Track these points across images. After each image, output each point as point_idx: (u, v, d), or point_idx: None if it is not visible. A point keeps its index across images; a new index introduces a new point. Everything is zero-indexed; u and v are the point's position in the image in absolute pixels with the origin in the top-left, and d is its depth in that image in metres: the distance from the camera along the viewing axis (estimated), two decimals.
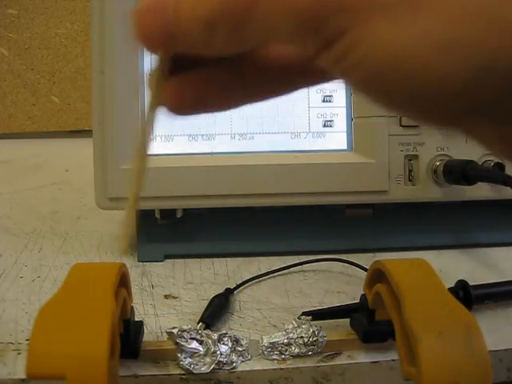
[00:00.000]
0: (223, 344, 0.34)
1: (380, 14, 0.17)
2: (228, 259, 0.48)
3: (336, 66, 0.19)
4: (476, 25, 0.16)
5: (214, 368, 0.33)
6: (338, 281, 0.44)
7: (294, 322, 0.35)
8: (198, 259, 0.48)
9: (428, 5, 0.17)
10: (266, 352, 0.34)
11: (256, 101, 0.23)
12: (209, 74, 0.22)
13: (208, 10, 0.19)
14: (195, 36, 0.20)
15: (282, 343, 0.34)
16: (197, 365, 0.32)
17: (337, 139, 0.46)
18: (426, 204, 0.48)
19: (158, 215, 0.46)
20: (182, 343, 0.33)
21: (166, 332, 0.33)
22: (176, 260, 0.47)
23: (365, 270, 0.42)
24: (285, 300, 0.41)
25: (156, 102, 0.23)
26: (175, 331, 0.33)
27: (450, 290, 0.37)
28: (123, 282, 0.32)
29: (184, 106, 0.22)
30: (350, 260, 0.45)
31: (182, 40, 0.20)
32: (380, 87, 0.18)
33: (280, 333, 0.35)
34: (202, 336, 0.33)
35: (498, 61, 0.16)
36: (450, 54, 0.16)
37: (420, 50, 0.17)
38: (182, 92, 0.22)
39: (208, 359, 0.33)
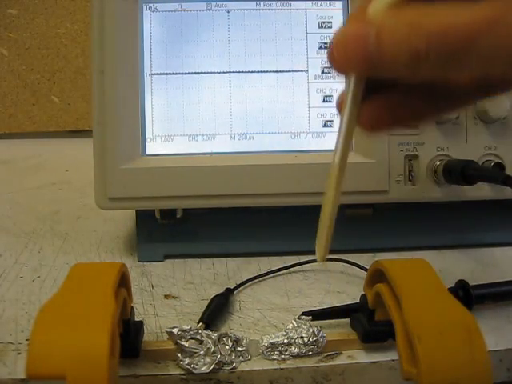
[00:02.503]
0: (223, 344, 0.34)
1: None
2: (228, 259, 0.48)
3: None
4: None
5: (214, 368, 0.32)
6: (338, 281, 0.44)
7: (294, 322, 0.35)
8: (198, 259, 0.48)
9: None
10: (266, 352, 0.34)
11: (446, 114, 0.24)
12: (402, 98, 0.23)
13: (419, 42, 0.19)
14: (399, 64, 0.20)
15: (282, 343, 0.34)
16: (197, 365, 0.32)
17: None
18: (426, 204, 0.48)
19: (157, 215, 0.46)
20: (182, 343, 0.33)
21: (166, 332, 0.33)
22: (176, 260, 0.47)
23: (365, 269, 0.42)
24: (285, 300, 0.41)
25: (351, 125, 0.24)
26: (175, 331, 0.33)
27: (450, 290, 0.37)
28: (123, 282, 0.32)
29: (380, 126, 0.24)
30: (350, 260, 0.45)
31: (383, 66, 0.20)
32: None
33: (280, 333, 0.35)
34: (202, 336, 0.33)
35: None
36: None
37: None
38: (379, 115, 0.24)
39: (208, 359, 0.33)
